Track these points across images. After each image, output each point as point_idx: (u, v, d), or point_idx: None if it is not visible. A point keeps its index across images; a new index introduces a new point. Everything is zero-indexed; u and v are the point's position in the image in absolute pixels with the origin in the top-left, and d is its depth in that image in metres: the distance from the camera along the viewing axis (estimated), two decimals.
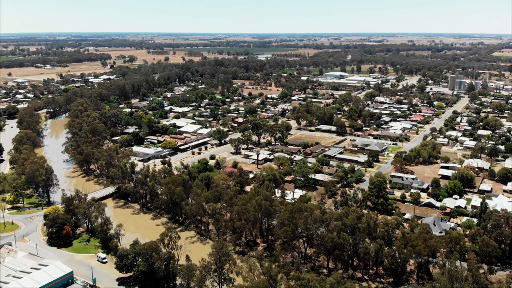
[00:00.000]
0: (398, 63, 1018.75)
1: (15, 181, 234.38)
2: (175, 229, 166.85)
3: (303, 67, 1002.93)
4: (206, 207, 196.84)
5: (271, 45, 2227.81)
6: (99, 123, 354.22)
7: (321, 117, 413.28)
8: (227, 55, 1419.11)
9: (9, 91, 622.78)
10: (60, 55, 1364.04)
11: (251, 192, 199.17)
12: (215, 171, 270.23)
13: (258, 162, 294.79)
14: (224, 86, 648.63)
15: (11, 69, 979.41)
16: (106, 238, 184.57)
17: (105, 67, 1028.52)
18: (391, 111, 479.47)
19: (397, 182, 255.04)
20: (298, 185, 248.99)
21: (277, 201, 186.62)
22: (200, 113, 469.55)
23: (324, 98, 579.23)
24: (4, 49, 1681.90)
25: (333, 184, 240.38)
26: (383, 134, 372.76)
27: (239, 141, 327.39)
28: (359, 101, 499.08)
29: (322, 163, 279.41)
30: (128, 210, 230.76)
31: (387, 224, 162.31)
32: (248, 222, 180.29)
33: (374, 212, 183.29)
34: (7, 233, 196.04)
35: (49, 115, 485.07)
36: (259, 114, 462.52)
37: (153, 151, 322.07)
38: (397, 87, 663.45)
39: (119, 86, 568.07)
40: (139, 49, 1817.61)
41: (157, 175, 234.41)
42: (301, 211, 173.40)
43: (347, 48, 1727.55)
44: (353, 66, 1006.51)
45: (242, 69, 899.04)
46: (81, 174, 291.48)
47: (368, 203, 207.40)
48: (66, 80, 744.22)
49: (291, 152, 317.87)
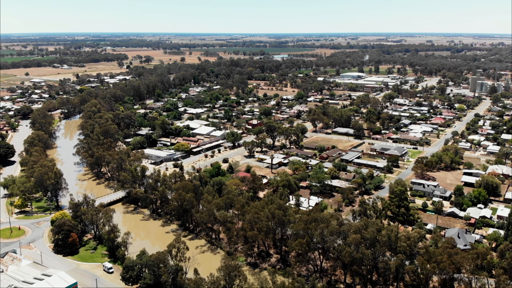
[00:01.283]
0: (417, 64, 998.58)
1: (23, 184, 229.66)
2: (184, 241, 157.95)
3: (319, 68, 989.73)
4: (217, 215, 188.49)
5: (287, 45, 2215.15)
6: (111, 125, 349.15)
7: (338, 120, 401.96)
8: (243, 55, 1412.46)
9: (25, 91, 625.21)
10: (77, 55, 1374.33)
11: (264, 200, 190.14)
12: (228, 175, 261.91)
13: (272, 166, 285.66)
14: (239, 86, 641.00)
15: (29, 68, 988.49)
16: (113, 247, 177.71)
17: (122, 67, 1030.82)
18: (411, 113, 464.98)
19: (418, 190, 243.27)
20: (314, 191, 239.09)
21: (292, 210, 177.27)
22: (214, 115, 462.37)
23: (341, 100, 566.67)
24: (23, 49, 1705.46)
25: (350, 191, 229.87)
26: (402, 138, 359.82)
27: (253, 144, 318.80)
28: (378, 103, 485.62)
29: (339, 168, 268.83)
30: (137, 216, 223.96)
31: (409, 238, 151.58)
32: (260, 232, 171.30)
33: (395, 224, 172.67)
34: (13, 239, 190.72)
35: (63, 116, 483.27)
36: (274, 116, 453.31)
37: (165, 153, 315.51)
38: (416, 89, 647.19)
39: (134, 86, 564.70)
40: (156, 49, 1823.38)
41: (167, 179, 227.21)
42: (317, 221, 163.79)
43: (364, 48, 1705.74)
44: (371, 66, 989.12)
45: (257, 70, 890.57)
46: (92, 177, 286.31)
47: (388, 213, 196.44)
48: (82, 80, 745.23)
49: (306, 156, 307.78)
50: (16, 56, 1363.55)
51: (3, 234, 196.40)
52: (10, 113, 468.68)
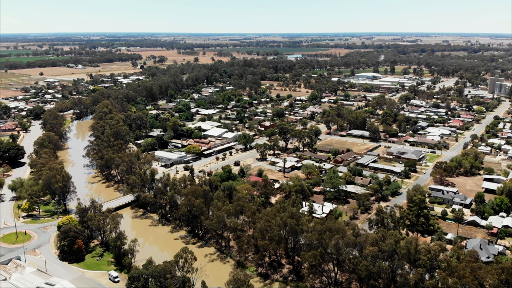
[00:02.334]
0: (433, 64, 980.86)
1: (31, 187, 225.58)
2: (191, 251, 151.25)
3: (334, 68, 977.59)
4: (227, 222, 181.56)
5: (301, 45, 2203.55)
6: (122, 126, 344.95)
7: (353, 121, 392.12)
8: (256, 55, 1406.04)
9: (38, 91, 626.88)
10: (92, 55, 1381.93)
11: (276, 207, 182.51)
12: (239, 179, 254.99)
13: (284, 170, 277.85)
14: (252, 87, 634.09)
15: (44, 68, 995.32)
16: (120, 254, 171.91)
17: (135, 67, 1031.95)
18: (428, 115, 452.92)
19: (437, 196, 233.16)
20: (328, 197, 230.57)
21: (305, 218, 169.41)
22: (226, 116, 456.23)
23: (356, 101, 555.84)
24: (39, 49, 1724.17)
25: (366, 197, 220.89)
26: (420, 141, 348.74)
27: (265, 147, 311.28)
28: (394, 104, 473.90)
29: (354, 173, 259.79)
30: (146, 221, 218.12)
31: (429, 250, 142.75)
32: (272, 241, 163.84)
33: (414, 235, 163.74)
34: (18, 244, 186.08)
35: (76, 116, 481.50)
36: (287, 117, 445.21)
37: (176, 156, 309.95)
38: (433, 90, 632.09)
39: (147, 87, 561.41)
40: (170, 49, 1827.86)
41: (177, 184, 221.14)
42: (331, 231, 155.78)
43: (379, 48, 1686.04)
44: (386, 66, 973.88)
45: (271, 70, 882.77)
46: (101, 179, 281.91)
47: (406, 221, 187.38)
48: (96, 80, 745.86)
49: (320, 159, 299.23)
50: (31, 56, 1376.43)
51: (9, 239, 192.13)
52: (22, 113, 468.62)
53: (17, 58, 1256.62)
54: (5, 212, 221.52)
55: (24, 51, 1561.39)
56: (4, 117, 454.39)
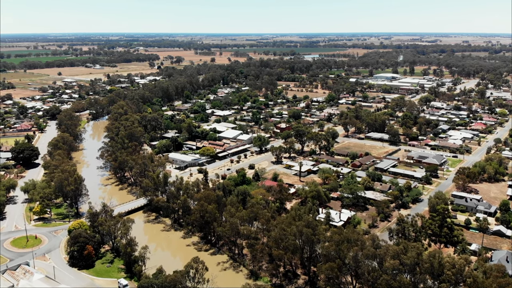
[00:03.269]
0: (454, 65, 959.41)
1: (43, 190, 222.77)
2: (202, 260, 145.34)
3: (351, 68, 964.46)
4: (240, 229, 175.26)
5: (318, 45, 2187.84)
6: (136, 128, 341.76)
7: (372, 124, 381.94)
8: (273, 55, 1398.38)
9: (56, 91, 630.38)
10: (110, 55, 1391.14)
11: (292, 214, 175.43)
12: (253, 184, 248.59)
13: (300, 174, 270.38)
14: (268, 88, 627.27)
15: (62, 68, 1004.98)
16: (130, 261, 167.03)
17: (152, 68, 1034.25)
18: (449, 118, 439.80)
19: (460, 204, 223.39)
20: (346, 203, 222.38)
21: (321, 227, 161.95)
22: (241, 117, 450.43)
23: (375, 102, 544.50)
24: (58, 49, 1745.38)
25: (386, 204, 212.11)
26: (441, 145, 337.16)
27: (280, 150, 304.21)
28: (414, 106, 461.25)
29: (373, 178, 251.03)
30: (158, 226, 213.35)
31: (454, 265, 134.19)
32: (287, 251, 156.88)
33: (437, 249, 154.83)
34: (28, 249, 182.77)
35: (92, 117, 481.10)
36: (303, 119, 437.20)
37: (190, 158, 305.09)
38: (454, 91, 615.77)
39: (163, 88, 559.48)
40: (187, 49, 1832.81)
41: (190, 188, 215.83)
42: (350, 242, 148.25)
43: (398, 48, 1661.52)
44: (405, 67, 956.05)
45: (287, 70, 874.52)
46: (115, 181, 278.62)
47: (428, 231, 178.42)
48: (113, 80, 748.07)
49: (337, 163, 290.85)
50: (51, 56, 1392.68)
51: (19, 243, 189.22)
52: (39, 114, 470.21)
53: (37, 58, 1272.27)
54: (17, 215, 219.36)
55: (43, 51, 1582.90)
56: (21, 117, 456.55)
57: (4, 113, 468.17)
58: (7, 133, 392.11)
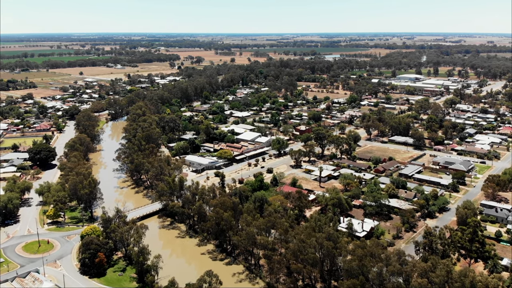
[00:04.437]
0: (479, 66, 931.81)
1: (58, 192, 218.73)
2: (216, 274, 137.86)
3: (373, 68, 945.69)
4: (257, 239, 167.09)
5: (339, 44, 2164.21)
6: (154, 129, 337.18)
7: (396, 127, 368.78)
8: (293, 55, 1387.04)
9: (76, 91, 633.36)
10: (132, 55, 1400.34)
11: (311, 224, 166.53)
12: (271, 189, 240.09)
13: (320, 179, 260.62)
14: (288, 88, 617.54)
15: (84, 68, 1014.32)
16: (143, 270, 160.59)
17: (173, 68, 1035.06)
18: (476, 121, 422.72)
19: (490, 214, 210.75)
20: (368, 212, 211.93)
21: (343, 240, 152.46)
22: (260, 119, 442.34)
23: (398, 104, 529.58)
24: (81, 48, 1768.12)
25: (411, 214, 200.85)
26: (468, 150, 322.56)
27: (300, 153, 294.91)
28: (439, 109, 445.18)
29: (397, 185, 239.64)
30: (173, 232, 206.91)
31: (487, 286, 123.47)
32: (306, 264, 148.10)
33: (467, 267, 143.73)
34: (39, 254, 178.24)
35: (111, 117, 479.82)
36: (323, 121, 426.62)
37: (207, 161, 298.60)
38: (480, 93, 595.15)
39: (182, 88, 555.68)
40: (208, 50, 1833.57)
41: (206, 193, 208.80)
42: (374, 257, 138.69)
43: (421, 48, 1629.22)
44: (429, 68, 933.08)
45: (307, 71, 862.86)
46: (131, 184, 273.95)
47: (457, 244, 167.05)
48: (133, 80, 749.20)
49: (359, 168, 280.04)
50: (73, 55, 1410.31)
51: (31, 248, 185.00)
52: (58, 113, 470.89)
53: (59, 58, 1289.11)
54: (31, 218, 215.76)
55: (66, 51, 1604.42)
56: (40, 116, 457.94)
57: (24, 112, 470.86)
58: (26, 133, 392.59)
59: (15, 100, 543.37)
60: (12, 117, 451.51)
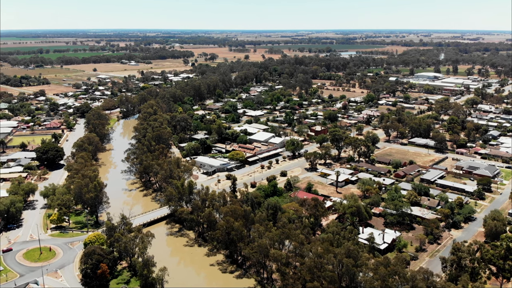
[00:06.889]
0: (500, 64, 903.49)
1: (62, 195, 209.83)
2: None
3: (391, 66, 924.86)
4: (270, 252, 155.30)
5: (355, 41, 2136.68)
6: (165, 128, 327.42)
7: (416, 128, 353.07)
8: (308, 52, 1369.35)
9: (89, 88, 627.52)
10: (146, 51, 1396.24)
11: (329, 237, 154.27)
12: (285, 195, 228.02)
13: (337, 184, 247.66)
14: (303, 87, 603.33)
15: (98, 64, 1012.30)
16: (147, 284, 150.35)
17: (186, 65, 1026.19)
18: (499, 123, 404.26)
19: None
20: (389, 221, 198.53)
21: (364, 256, 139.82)
22: (274, 118, 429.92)
23: (417, 103, 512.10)
24: (96, 44, 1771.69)
25: (435, 224, 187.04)
26: (492, 154, 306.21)
27: (315, 156, 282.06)
28: (460, 109, 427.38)
29: (419, 191, 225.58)
30: (181, 240, 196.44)
31: None
32: (322, 282, 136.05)
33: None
34: (40, 262, 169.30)
35: (122, 115, 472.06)
36: (340, 121, 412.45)
37: (219, 162, 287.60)
38: (501, 93, 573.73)
39: (195, 86, 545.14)
40: (222, 46, 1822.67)
41: (216, 199, 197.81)
42: (397, 275, 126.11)
43: (439, 46, 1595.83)
44: (448, 66, 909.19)
45: (323, 68, 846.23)
46: (140, 186, 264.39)
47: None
48: (146, 77, 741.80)
49: (378, 172, 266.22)
50: (88, 52, 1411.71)
51: (32, 255, 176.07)
52: (69, 111, 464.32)
53: (74, 54, 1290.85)
54: (34, 222, 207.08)
55: (81, 47, 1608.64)
56: (51, 114, 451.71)
57: (35, 109, 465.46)
58: (36, 131, 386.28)
59: (27, 97, 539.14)
60: (23, 114, 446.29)
